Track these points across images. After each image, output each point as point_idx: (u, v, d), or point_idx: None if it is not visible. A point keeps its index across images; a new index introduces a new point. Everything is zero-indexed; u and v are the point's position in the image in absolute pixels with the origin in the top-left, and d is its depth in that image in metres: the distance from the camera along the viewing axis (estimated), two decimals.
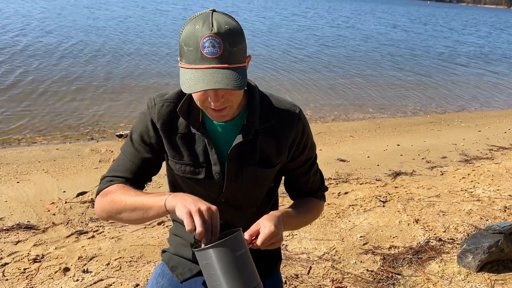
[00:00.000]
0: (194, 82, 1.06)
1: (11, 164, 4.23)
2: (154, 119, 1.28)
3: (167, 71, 9.26)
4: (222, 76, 1.06)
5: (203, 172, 1.29)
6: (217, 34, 1.05)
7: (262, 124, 1.27)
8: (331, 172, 4.47)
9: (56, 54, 9.62)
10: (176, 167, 1.31)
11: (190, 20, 1.10)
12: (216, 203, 1.32)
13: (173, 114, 1.28)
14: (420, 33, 25.97)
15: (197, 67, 1.07)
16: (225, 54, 1.07)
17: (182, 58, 1.12)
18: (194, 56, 1.07)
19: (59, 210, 3.30)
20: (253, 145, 1.28)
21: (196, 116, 1.27)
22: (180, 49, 1.12)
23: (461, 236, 3.23)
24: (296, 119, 1.31)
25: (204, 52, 1.05)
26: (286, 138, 1.30)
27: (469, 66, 14.44)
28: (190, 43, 1.07)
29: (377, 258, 2.88)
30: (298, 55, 13.07)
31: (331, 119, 7.20)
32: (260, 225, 1.14)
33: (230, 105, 1.15)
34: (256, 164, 1.29)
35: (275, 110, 1.30)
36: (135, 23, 16.81)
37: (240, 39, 1.10)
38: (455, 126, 7.20)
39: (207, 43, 1.05)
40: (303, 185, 1.42)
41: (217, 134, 1.28)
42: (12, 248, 2.75)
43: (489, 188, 4.20)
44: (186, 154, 1.29)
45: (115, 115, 6.23)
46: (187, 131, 1.28)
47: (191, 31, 1.08)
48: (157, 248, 2.85)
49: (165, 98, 1.29)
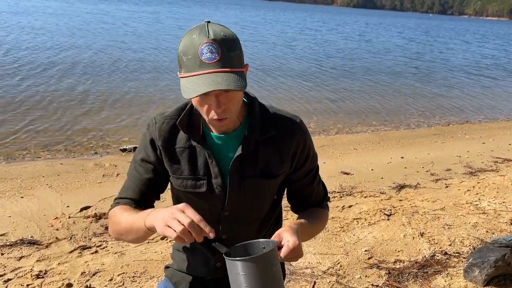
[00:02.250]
0: (196, 86, 1.08)
1: (15, 179, 4.24)
2: (155, 137, 1.29)
3: (170, 86, 9.31)
4: (222, 78, 1.07)
5: (205, 186, 1.29)
6: (214, 41, 1.08)
7: (262, 135, 1.28)
8: (335, 185, 4.45)
9: (60, 69, 9.71)
10: (178, 183, 1.31)
11: (187, 33, 1.13)
12: (220, 217, 1.32)
13: (173, 130, 1.29)
14: (428, 45, 26.08)
15: (197, 73, 1.09)
16: (223, 58, 1.09)
17: (181, 69, 1.14)
18: (193, 64, 1.09)
19: (63, 225, 3.30)
20: (255, 157, 1.28)
21: (197, 129, 1.28)
22: (179, 61, 1.14)
23: (467, 250, 3.19)
24: (297, 128, 1.31)
25: (203, 58, 1.08)
26: (287, 147, 1.30)
27: (472, 78, 14.44)
28: (189, 52, 1.09)
29: (382, 273, 2.85)
30: (300, 68, 13.13)
31: (334, 132, 7.20)
32: (283, 238, 1.12)
33: (229, 115, 1.17)
34: (258, 176, 1.29)
35: (275, 120, 1.30)
36: (141, 38, 16.96)
37: (236, 45, 1.13)
38: (459, 138, 7.18)
39: (205, 49, 1.07)
40: (308, 196, 1.42)
41: (218, 147, 1.28)
42: (15, 264, 2.74)
43: (494, 201, 4.16)
44: (187, 168, 1.29)
45: (119, 130, 6.26)
46: (187, 145, 1.28)
47: (189, 41, 1.10)
48: (160, 263, 2.83)
49: (165, 116, 1.31)
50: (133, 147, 5.47)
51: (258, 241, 1.11)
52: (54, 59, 10.76)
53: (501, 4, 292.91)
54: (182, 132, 1.28)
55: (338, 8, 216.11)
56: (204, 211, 1.32)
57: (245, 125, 1.28)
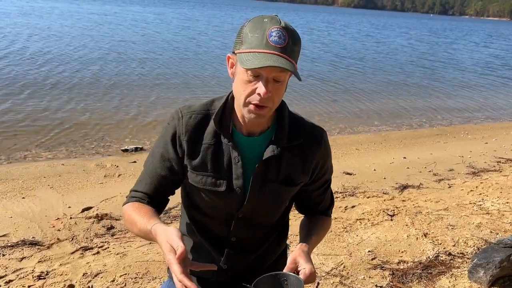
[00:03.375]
0: (259, 59, 1.08)
1: (17, 179, 4.23)
2: (181, 131, 1.26)
3: (172, 86, 9.31)
4: (285, 61, 1.09)
5: (224, 185, 1.27)
6: (284, 28, 1.10)
7: (290, 142, 1.27)
8: (337, 186, 4.43)
9: (60, 71, 9.70)
10: (197, 179, 1.28)
11: (256, 18, 1.15)
12: (233, 218, 1.30)
13: (201, 125, 1.27)
14: (434, 45, 26.06)
15: (260, 50, 1.10)
16: (288, 48, 1.11)
17: (241, 45, 1.14)
18: (259, 42, 1.10)
19: (64, 226, 3.28)
20: (279, 162, 1.27)
21: (227, 127, 1.26)
22: (243, 37, 1.14)
23: (471, 250, 3.17)
24: (322, 140, 1.32)
25: (270, 40, 1.09)
26: (311, 158, 1.30)
27: (474, 78, 14.41)
28: (257, 30, 1.11)
29: (386, 274, 2.83)
30: (302, 68, 13.12)
31: (336, 132, 7.18)
32: (299, 264, 1.14)
33: (270, 106, 1.17)
34: (280, 182, 1.28)
35: (303, 129, 1.30)
36: (139, 42, 16.97)
37: (300, 42, 1.16)
38: (461, 138, 7.16)
39: (274, 32, 1.10)
40: (317, 205, 1.43)
41: (244, 148, 1.27)
42: (16, 265, 2.73)
43: (498, 201, 4.14)
44: (210, 165, 1.27)
45: (120, 130, 6.24)
46: (213, 142, 1.26)
47: (259, 22, 1.12)
48: (162, 264, 2.81)
49: (192, 110, 1.28)
50: (135, 148, 5.46)
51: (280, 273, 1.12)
52: (54, 61, 10.76)
53: (502, 5, 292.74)
54: (210, 128, 1.26)
55: (340, 9, 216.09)
56: (218, 210, 1.31)
57: (273, 130, 1.28)
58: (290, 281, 1.11)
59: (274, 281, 1.11)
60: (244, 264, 1.38)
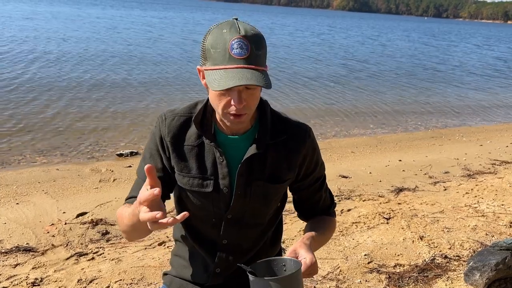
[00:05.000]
0: (226, 79, 1.07)
1: (11, 185, 4.20)
2: (164, 133, 1.28)
3: (167, 92, 9.29)
4: (251, 74, 1.07)
5: (211, 185, 1.27)
6: (244, 37, 1.09)
7: (273, 139, 1.27)
8: (333, 189, 4.42)
9: (57, 75, 9.67)
10: (184, 181, 1.29)
11: (215, 27, 1.13)
12: (223, 219, 1.30)
13: (183, 127, 1.28)
14: (425, 47, 26.18)
15: (225, 67, 1.09)
16: (252, 56, 1.09)
17: (206, 62, 1.13)
18: (222, 57, 1.09)
19: (59, 232, 3.26)
20: (263, 160, 1.27)
21: (209, 128, 1.27)
22: (206, 53, 1.13)
23: (467, 253, 3.18)
24: (307, 135, 1.31)
25: (233, 53, 1.08)
26: (297, 154, 1.30)
27: (468, 81, 14.48)
28: (218, 45, 1.09)
29: (382, 277, 2.83)
30: (297, 71, 13.14)
31: (331, 135, 7.18)
32: (299, 254, 1.13)
33: (248, 113, 1.17)
34: (265, 179, 1.28)
35: (286, 126, 1.30)
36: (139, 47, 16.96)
37: (263, 44, 1.14)
38: (456, 140, 7.18)
39: (235, 44, 1.08)
40: (316, 204, 1.42)
41: (228, 148, 1.27)
42: (10, 272, 2.70)
43: (493, 203, 4.15)
44: (195, 166, 1.27)
45: (115, 135, 6.22)
46: (196, 143, 1.27)
47: (219, 34, 1.10)
48: (158, 269, 2.79)
49: (175, 112, 1.30)
50: (130, 152, 5.44)
51: (279, 258, 1.11)
52: (47, 64, 10.72)
53: (496, 7, 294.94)
54: (192, 130, 1.27)
55: (335, 12, 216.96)
56: (207, 212, 1.31)
57: (256, 128, 1.28)
58: (288, 266, 1.08)
59: (271, 266, 1.09)
60: (237, 267, 1.37)
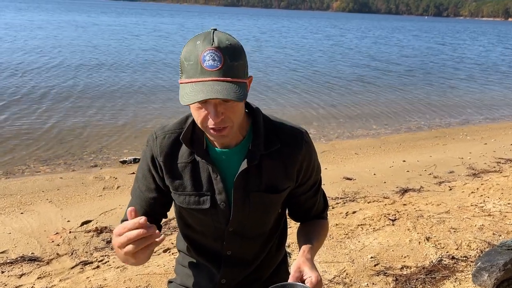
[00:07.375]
0: (194, 93, 1.04)
1: (15, 194, 4.20)
2: (156, 153, 1.25)
3: (170, 98, 9.30)
4: (222, 87, 1.03)
5: (208, 202, 1.25)
6: (217, 48, 1.05)
7: (267, 148, 1.23)
8: (337, 191, 4.40)
9: (60, 84, 9.70)
10: (180, 199, 1.27)
11: (191, 39, 1.10)
12: (224, 232, 1.28)
13: (175, 144, 1.25)
14: (426, 47, 26.14)
15: (196, 80, 1.05)
16: (225, 67, 1.05)
17: (182, 74, 1.10)
18: (194, 70, 1.05)
19: (63, 241, 3.25)
20: (259, 171, 1.24)
21: (200, 143, 1.23)
22: (181, 66, 1.10)
23: (474, 253, 3.15)
24: (303, 141, 1.27)
25: (204, 65, 1.04)
26: (293, 161, 1.26)
27: (471, 79, 14.43)
28: (191, 57, 1.06)
29: (390, 280, 2.80)
30: (299, 74, 13.13)
31: (335, 137, 7.16)
32: (304, 273, 1.12)
33: (230, 125, 1.12)
34: (263, 190, 1.25)
35: (280, 133, 1.26)
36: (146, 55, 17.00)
37: (240, 54, 1.09)
38: (460, 139, 7.15)
39: (207, 56, 1.04)
40: (310, 209, 1.39)
41: (221, 162, 1.24)
42: (16, 282, 2.69)
43: (499, 202, 4.11)
44: (190, 184, 1.25)
45: (118, 142, 6.22)
46: (189, 160, 1.24)
47: (192, 47, 1.07)
48: (163, 276, 2.78)
49: (166, 130, 1.27)
50: (133, 159, 5.43)
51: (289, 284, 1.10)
52: (49, 73, 10.75)
53: (496, 5, 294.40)
54: (184, 147, 1.24)
55: (335, 14, 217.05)
56: (208, 228, 1.29)
57: (249, 139, 1.24)
58: None
59: None
60: (243, 277, 1.36)
